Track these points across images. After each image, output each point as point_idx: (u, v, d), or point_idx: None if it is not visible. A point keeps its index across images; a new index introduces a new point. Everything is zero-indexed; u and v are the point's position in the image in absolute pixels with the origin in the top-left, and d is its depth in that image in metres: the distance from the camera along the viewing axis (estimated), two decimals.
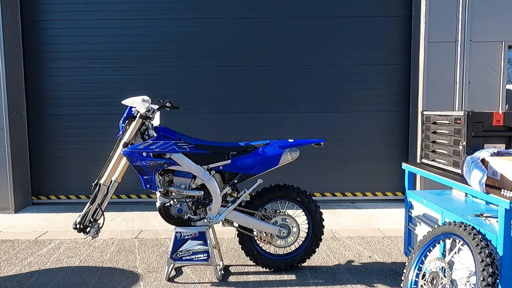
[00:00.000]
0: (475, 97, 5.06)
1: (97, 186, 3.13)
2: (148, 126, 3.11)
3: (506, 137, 2.78)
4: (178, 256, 3.11)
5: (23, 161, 5.33)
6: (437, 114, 3.11)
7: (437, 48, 5.03)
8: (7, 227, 4.55)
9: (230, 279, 3.19)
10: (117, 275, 3.27)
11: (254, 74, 5.40)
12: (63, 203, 5.51)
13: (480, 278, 2.04)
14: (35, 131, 5.45)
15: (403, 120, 5.45)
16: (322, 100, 5.43)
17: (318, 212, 3.30)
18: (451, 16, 5.00)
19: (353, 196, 5.54)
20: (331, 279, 3.17)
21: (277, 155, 3.15)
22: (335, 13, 5.35)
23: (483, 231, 2.30)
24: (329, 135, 5.37)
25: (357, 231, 4.30)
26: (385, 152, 5.50)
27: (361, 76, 5.40)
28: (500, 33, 5.03)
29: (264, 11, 5.34)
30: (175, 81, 5.39)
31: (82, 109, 5.44)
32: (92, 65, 5.40)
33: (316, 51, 5.38)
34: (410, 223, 3.31)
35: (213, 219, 3.14)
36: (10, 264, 3.50)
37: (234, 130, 5.39)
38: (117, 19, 5.34)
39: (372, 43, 5.37)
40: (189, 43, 5.37)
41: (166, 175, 3.13)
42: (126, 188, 5.40)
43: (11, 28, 5.14)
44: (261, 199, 3.25)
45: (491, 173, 2.47)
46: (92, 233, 3.13)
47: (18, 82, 5.26)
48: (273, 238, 3.24)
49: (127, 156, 2.99)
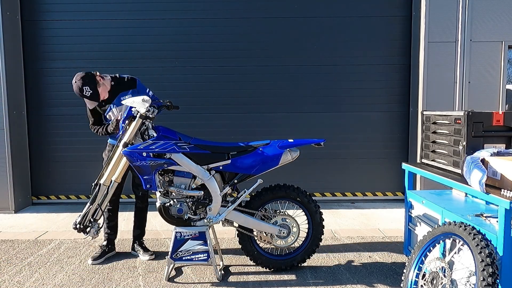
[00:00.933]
0: (475, 97, 5.06)
1: (97, 186, 3.13)
2: (148, 126, 3.11)
3: (506, 137, 2.78)
4: (178, 256, 3.11)
5: (23, 161, 5.33)
6: (437, 114, 3.11)
7: (437, 48, 5.03)
8: (7, 227, 4.55)
9: (230, 279, 3.19)
10: (117, 275, 3.27)
11: (254, 74, 5.40)
12: (63, 203, 5.51)
13: (480, 278, 2.04)
14: (35, 131, 5.45)
15: (403, 120, 5.45)
16: (322, 100, 5.43)
17: (318, 212, 3.30)
18: (451, 16, 5.00)
19: (353, 196, 5.54)
20: (331, 279, 3.17)
21: (277, 155, 3.15)
22: (335, 13, 5.34)
23: (483, 231, 2.30)
24: (329, 135, 5.35)
25: (357, 231, 4.30)
26: (385, 152, 5.49)
27: (361, 76, 5.40)
28: (500, 33, 5.03)
29: (264, 11, 5.34)
30: (175, 81, 5.39)
31: (82, 109, 5.35)
32: (92, 65, 5.37)
33: (316, 51, 5.38)
34: (410, 223, 3.31)
35: (213, 219, 3.14)
36: (10, 264, 3.50)
37: (234, 130, 5.38)
38: (117, 19, 5.34)
39: (372, 43, 5.36)
40: (189, 43, 5.36)
41: (166, 175, 3.13)
42: (126, 188, 5.37)
43: (11, 28, 5.13)
44: (261, 199, 3.25)
45: (491, 173, 2.47)
46: (92, 233, 3.13)
47: (18, 82, 5.26)
48: (273, 238, 3.24)
49: (127, 156, 2.99)
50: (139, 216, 3.73)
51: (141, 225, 3.74)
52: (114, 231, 3.68)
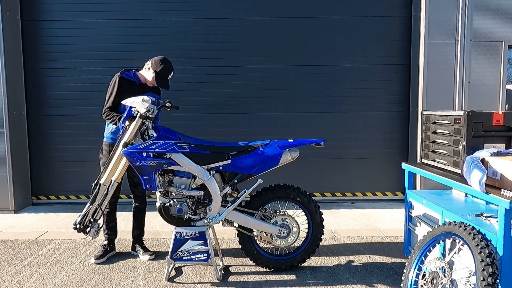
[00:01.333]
0: (475, 97, 5.06)
1: (97, 186, 3.13)
2: (148, 126, 3.11)
3: (506, 137, 2.78)
4: (178, 256, 3.11)
5: (23, 161, 5.33)
6: (437, 114, 3.11)
7: (437, 48, 5.03)
8: (7, 227, 4.55)
9: (230, 279, 3.19)
10: (117, 275, 3.27)
11: (254, 74, 5.40)
12: (63, 203, 5.51)
13: (480, 278, 2.04)
14: (35, 131, 5.45)
15: (403, 120, 5.45)
16: (322, 100, 5.43)
17: (318, 212, 3.30)
18: (451, 16, 5.00)
19: (353, 196, 5.54)
20: (331, 279, 3.17)
21: (277, 155, 3.15)
22: (335, 13, 5.34)
23: (483, 231, 2.30)
24: (329, 135, 5.36)
25: (357, 231, 4.30)
26: (385, 152, 5.49)
27: (361, 76, 5.40)
28: (500, 33, 5.03)
29: (264, 11, 5.34)
30: (175, 81, 5.35)
31: (82, 109, 5.43)
32: (92, 65, 5.39)
33: (316, 51, 5.38)
34: (410, 223, 3.31)
35: (213, 219, 3.14)
36: (10, 264, 3.50)
37: (234, 130, 5.38)
38: (117, 19, 5.34)
39: (372, 43, 5.36)
40: (189, 43, 5.36)
41: (166, 175, 3.13)
42: (126, 188, 5.39)
43: (11, 28, 5.13)
44: (261, 199, 3.25)
45: (491, 173, 2.47)
46: (92, 233, 3.13)
47: (18, 82, 5.26)
48: (273, 238, 3.24)
49: (127, 156, 2.99)
50: (137, 216, 3.74)
51: (140, 225, 3.74)
52: (114, 232, 3.68)
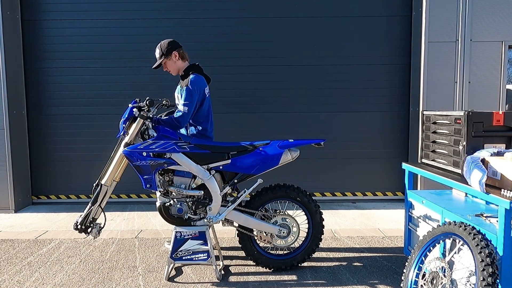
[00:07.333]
0: (475, 97, 5.06)
1: (98, 186, 3.13)
2: (148, 126, 3.11)
3: (506, 137, 2.78)
4: (178, 255, 3.11)
5: (23, 161, 5.33)
6: (437, 114, 3.11)
7: (437, 47, 5.03)
8: (7, 227, 4.55)
9: (230, 279, 3.19)
10: (117, 275, 3.27)
11: (254, 74, 5.40)
12: (63, 203, 5.51)
13: (480, 278, 2.04)
14: (35, 131, 5.45)
15: (404, 120, 5.45)
16: (322, 100, 5.43)
17: (318, 212, 3.29)
18: (452, 16, 5.00)
19: (353, 196, 5.54)
20: (331, 279, 3.17)
21: (277, 155, 3.15)
22: (335, 13, 5.34)
23: (483, 231, 2.30)
24: (329, 135, 5.37)
25: (357, 231, 4.30)
26: (385, 152, 5.49)
27: (362, 76, 5.40)
28: (500, 33, 5.03)
29: (264, 11, 5.34)
30: (175, 81, 5.38)
31: (82, 109, 5.44)
32: (92, 65, 5.39)
33: (317, 51, 5.38)
34: (410, 223, 3.31)
35: (213, 219, 3.14)
36: (10, 263, 3.50)
37: (234, 130, 5.38)
38: (117, 19, 5.34)
39: (372, 43, 5.36)
40: (189, 43, 5.33)
41: (166, 174, 3.14)
42: (126, 187, 5.40)
43: (11, 28, 5.14)
44: (261, 199, 3.25)
45: (491, 173, 2.47)
46: (93, 233, 3.13)
47: (18, 82, 5.26)
48: (273, 238, 3.24)
49: (127, 156, 2.99)
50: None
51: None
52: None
